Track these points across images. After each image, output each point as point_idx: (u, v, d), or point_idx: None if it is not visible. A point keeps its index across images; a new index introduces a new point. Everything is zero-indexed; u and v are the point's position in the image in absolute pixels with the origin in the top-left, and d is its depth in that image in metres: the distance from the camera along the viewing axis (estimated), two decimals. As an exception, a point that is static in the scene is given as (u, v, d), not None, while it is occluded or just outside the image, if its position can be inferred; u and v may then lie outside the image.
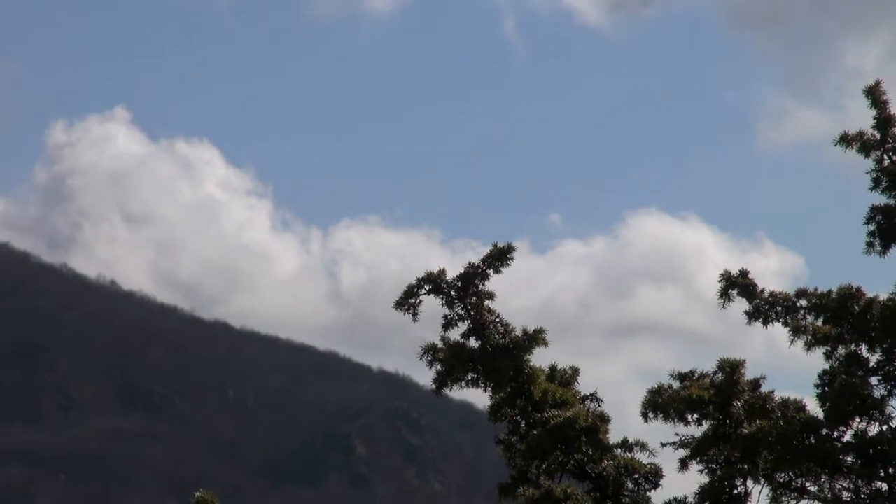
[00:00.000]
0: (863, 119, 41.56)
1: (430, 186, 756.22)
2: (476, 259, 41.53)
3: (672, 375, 41.45)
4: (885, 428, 40.47)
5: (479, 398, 41.85)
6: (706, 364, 41.22)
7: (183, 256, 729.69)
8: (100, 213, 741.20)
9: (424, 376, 42.17)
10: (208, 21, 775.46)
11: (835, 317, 40.80)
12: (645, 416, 41.39)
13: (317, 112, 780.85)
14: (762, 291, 41.50)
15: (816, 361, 41.24)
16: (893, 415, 40.69)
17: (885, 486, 40.11)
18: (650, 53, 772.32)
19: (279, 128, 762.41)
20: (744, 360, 40.77)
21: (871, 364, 40.89)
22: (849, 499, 40.15)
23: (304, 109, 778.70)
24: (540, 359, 41.71)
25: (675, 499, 40.88)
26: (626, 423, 42.41)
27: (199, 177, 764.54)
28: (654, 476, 41.28)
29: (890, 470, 40.17)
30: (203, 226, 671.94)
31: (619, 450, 41.39)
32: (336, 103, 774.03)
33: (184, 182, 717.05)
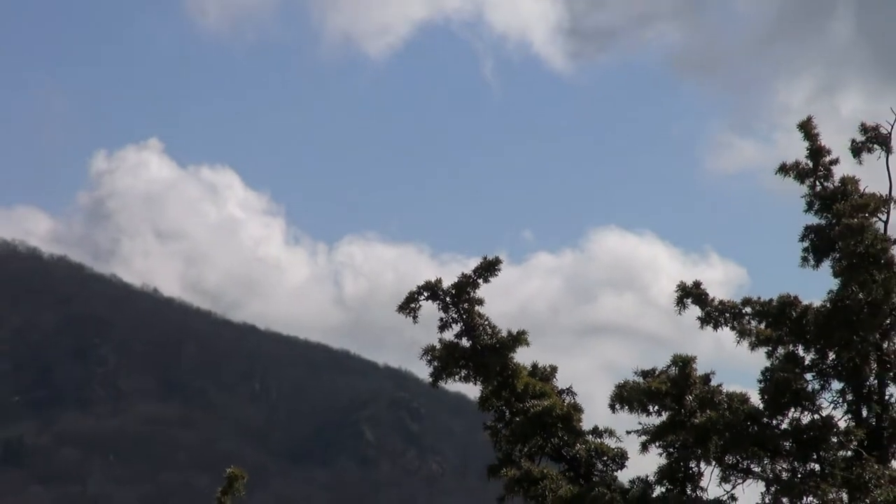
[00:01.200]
0: (792, 150, 41.67)
1: (421, 206, 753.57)
2: (467, 270, 41.77)
3: (636, 372, 41.60)
4: (816, 417, 40.72)
5: (471, 390, 41.99)
6: (661, 361, 41.54)
7: (208, 267, 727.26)
8: (136, 230, 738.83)
9: (423, 371, 42.19)
10: (230, 63, 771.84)
11: (775, 321, 41.09)
12: (612, 407, 41.53)
13: (323, 142, 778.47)
14: (713, 300, 41.74)
15: (759, 360, 41.52)
16: (824, 406, 40.91)
17: (817, 467, 40.29)
18: (607, 94, 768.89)
19: (291, 156, 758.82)
20: (694, 357, 41.03)
21: (807, 362, 41.12)
22: (786, 478, 40.36)
23: (312, 140, 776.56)
24: (522, 356, 42.01)
25: (638, 478, 41.05)
26: (594, 412, 42.60)
27: (222, 199, 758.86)
28: (620, 458, 41.43)
29: (821, 453, 40.40)
30: (225, 241, 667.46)
31: (590, 436, 41.57)
32: (339, 135, 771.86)
33: (208, 203, 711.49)
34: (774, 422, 40.93)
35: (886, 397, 41.23)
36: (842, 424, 40.98)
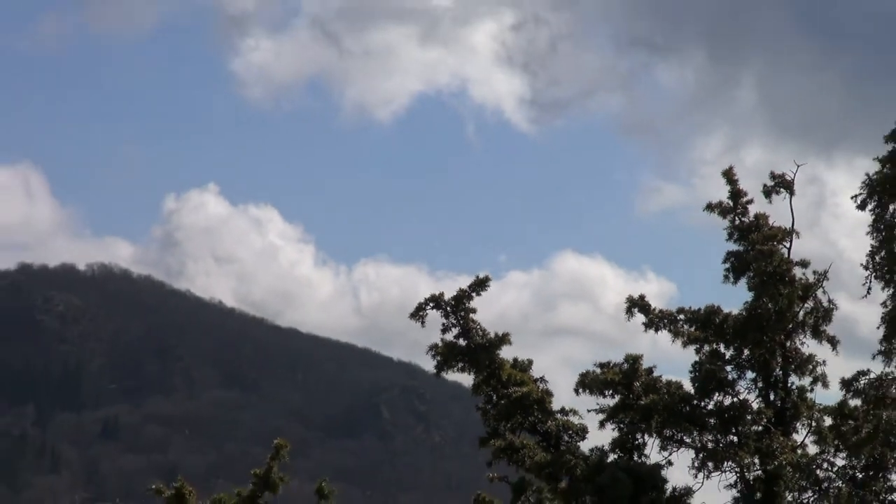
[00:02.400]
0: (706, 192, 42.18)
1: (420, 235, 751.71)
2: (458, 285, 41.72)
3: (595, 365, 41.42)
4: (735, 400, 40.63)
5: (466, 379, 41.84)
6: (610, 357, 41.48)
7: (255, 284, 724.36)
8: (198, 255, 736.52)
9: (429, 364, 42.04)
10: (271, 125, 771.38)
11: (702, 325, 40.96)
12: (576, 391, 41.39)
13: (343, 186, 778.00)
14: (654, 309, 41.63)
15: (689, 356, 41.40)
16: (741, 391, 40.82)
17: (735, 439, 40.19)
18: (562, 150, 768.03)
19: (318, 197, 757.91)
20: (641, 354, 40.97)
21: (727, 357, 41.04)
22: (711, 447, 40.24)
23: (335, 184, 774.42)
24: (506, 353, 41.84)
25: (596, 447, 40.87)
26: (558, 396, 42.43)
27: (265, 230, 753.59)
28: (582, 432, 41.20)
29: (738, 428, 40.30)
30: (268, 263, 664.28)
31: (559, 414, 41.35)
32: (356, 180, 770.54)
33: (254, 234, 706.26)
34: (702, 403, 40.87)
35: (789, 385, 41.15)
36: (755, 406, 40.89)
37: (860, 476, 40.92)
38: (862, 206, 40.27)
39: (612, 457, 40.71)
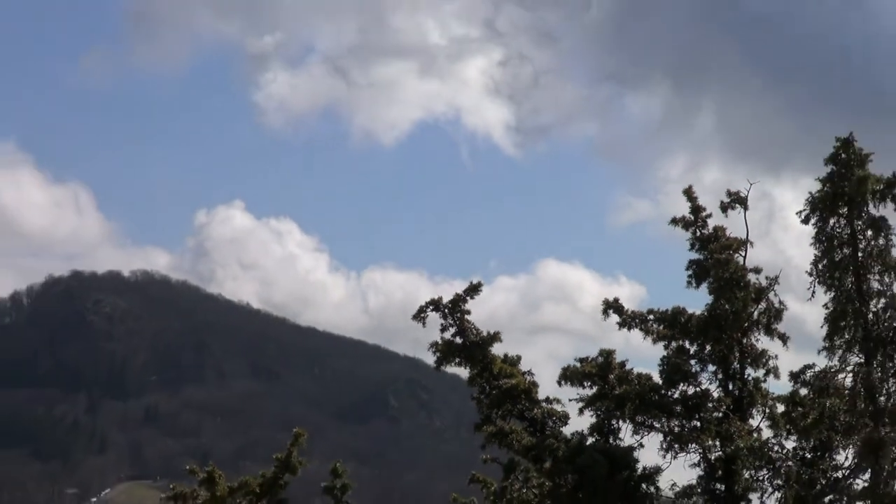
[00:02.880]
0: (671, 207, 42.27)
1: (421, 244, 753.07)
2: (454, 289, 41.73)
3: (575, 359, 41.41)
4: (698, 390, 40.69)
5: (463, 372, 41.92)
6: (588, 352, 41.66)
7: (276, 288, 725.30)
8: (226, 262, 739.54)
9: (430, 359, 42.09)
10: (289, 149, 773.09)
11: (669, 324, 41.01)
12: (559, 383, 41.38)
13: (354, 202, 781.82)
14: (627, 310, 41.66)
15: (658, 351, 41.47)
16: (703, 382, 40.87)
17: (698, 424, 40.25)
18: (544, 170, 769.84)
19: (331, 212, 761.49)
20: (615, 350, 41.06)
21: (691, 352, 41.09)
22: (677, 431, 40.30)
23: (346, 201, 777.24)
24: (497, 349, 41.87)
25: (577, 431, 40.90)
26: (542, 387, 42.50)
27: (285, 241, 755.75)
28: (564, 419, 41.21)
29: (701, 414, 40.36)
30: (287, 270, 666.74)
31: (544, 403, 41.40)
32: (365, 197, 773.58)
33: (275, 244, 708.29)
34: (669, 393, 40.92)
35: (745, 377, 41.22)
36: (715, 395, 40.97)
37: (808, 456, 41.00)
38: (806, 221, 40.45)
39: (590, 440, 40.79)
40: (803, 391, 41.04)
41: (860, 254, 40.72)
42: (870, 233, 40.90)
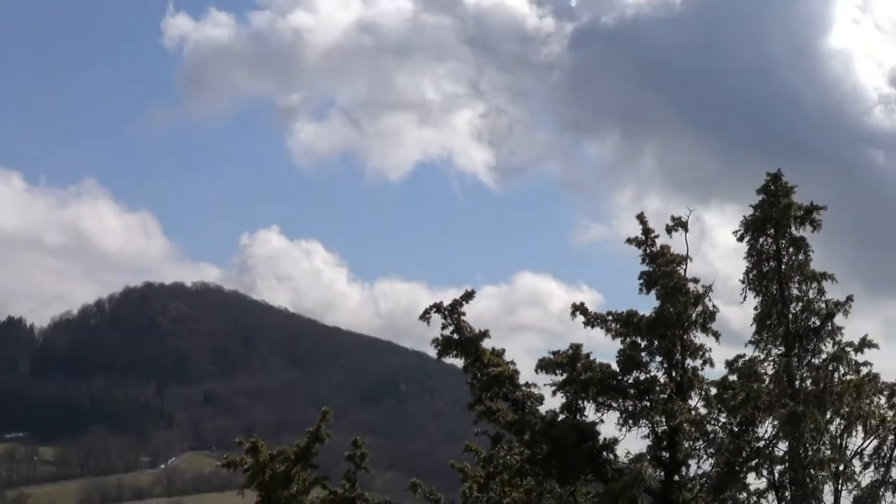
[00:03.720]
0: (623, 230, 42.12)
1: (422, 260, 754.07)
2: (454, 297, 41.48)
3: (549, 352, 41.19)
4: (647, 376, 40.45)
5: (459, 363, 41.70)
6: (559, 346, 41.25)
7: (306, 296, 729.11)
8: (264, 275, 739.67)
9: (432, 352, 41.88)
10: (314, 183, 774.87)
11: (625, 324, 40.69)
12: (536, 371, 41.04)
13: (367, 227, 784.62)
14: (590, 312, 41.38)
15: (616, 345, 41.18)
16: (652, 370, 40.64)
17: (648, 404, 40.03)
18: (520, 202, 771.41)
19: (350, 234, 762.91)
20: (581, 344, 40.76)
21: (642, 346, 40.85)
22: (631, 410, 40.06)
23: (361, 226, 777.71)
24: (486, 343, 41.53)
25: (550, 410, 40.63)
26: (522, 375, 42.09)
27: (312, 258, 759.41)
28: (540, 399, 40.90)
29: (650, 396, 40.15)
30: (314, 281, 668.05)
31: (524, 387, 41.15)
32: (375, 222, 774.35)
33: (305, 260, 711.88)
34: (625, 379, 40.61)
35: (686, 366, 40.93)
36: (661, 380, 40.67)
37: (736, 429, 40.83)
38: (740, 239, 40.78)
39: (561, 417, 40.49)
40: (733, 377, 40.95)
41: (783, 266, 40.83)
42: (791, 250, 41.24)
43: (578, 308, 41.28)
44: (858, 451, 41.05)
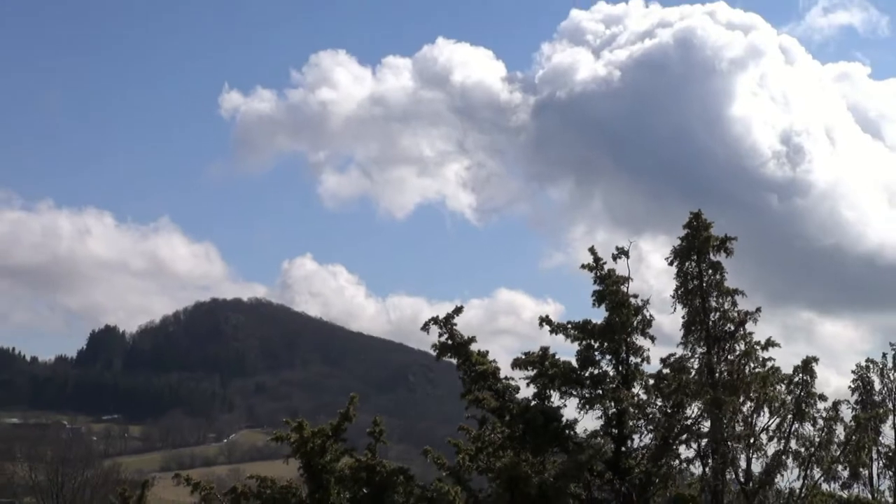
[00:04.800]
0: (578, 257, 42.06)
1: (422, 279, 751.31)
2: (448, 311, 41.36)
3: (522, 353, 40.97)
4: (599, 371, 40.32)
5: (453, 362, 41.58)
6: (531, 348, 41.04)
7: (334, 308, 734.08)
8: (302, 292, 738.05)
9: (433, 352, 41.84)
10: (339, 220, 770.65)
11: (581, 330, 40.58)
12: (512, 367, 40.88)
13: (379, 253, 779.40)
14: (555, 322, 41.18)
15: (575, 347, 41.05)
16: (603, 366, 40.49)
17: (600, 392, 39.86)
18: (497, 236, 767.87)
19: (367, 260, 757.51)
20: (548, 346, 40.66)
21: (595, 347, 40.70)
22: (588, 397, 39.92)
23: (375, 252, 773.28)
24: (473, 347, 41.41)
25: (525, 397, 40.41)
26: (502, 371, 41.89)
27: (338, 279, 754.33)
28: (516, 390, 40.67)
29: (602, 386, 40.02)
30: (340, 296, 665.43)
31: (503, 380, 40.99)
32: (385, 249, 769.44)
33: (332, 280, 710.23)
34: (583, 373, 40.48)
35: (629, 363, 40.84)
36: (611, 374, 40.55)
37: (669, 411, 40.63)
38: (670, 263, 40.75)
39: (533, 403, 40.37)
40: (666, 371, 40.81)
41: (704, 284, 40.70)
42: (710, 271, 41.17)
43: (545, 320, 41.16)
44: (765, 427, 40.91)
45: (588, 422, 39.71)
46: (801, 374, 40.30)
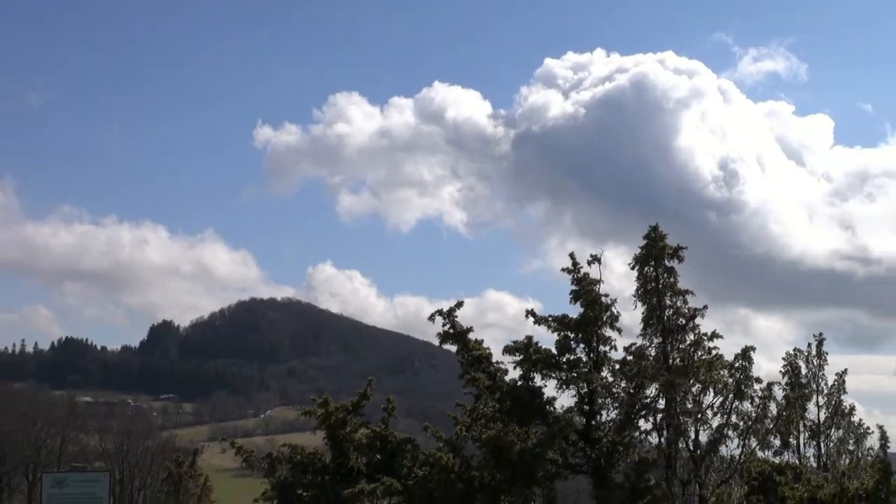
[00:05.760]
0: (556, 262, 41.99)
1: (424, 281, 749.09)
2: (449, 305, 41.18)
3: (511, 342, 40.84)
4: (574, 357, 40.01)
5: (453, 348, 41.37)
6: (516, 338, 40.75)
7: (351, 306, 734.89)
8: (323, 293, 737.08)
9: (436, 341, 41.48)
10: (355, 232, 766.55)
11: (560, 323, 40.33)
12: (503, 353, 40.57)
13: (388, 259, 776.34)
14: (539, 315, 40.91)
15: (554, 337, 40.79)
16: (577, 353, 40.26)
17: (575, 374, 39.59)
18: (486, 245, 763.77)
19: (378, 265, 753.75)
20: (532, 336, 40.40)
21: (571, 338, 40.37)
22: (564, 378, 39.59)
23: (383, 259, 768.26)
24: (471, 336, 41.16)
25: (513, 378, 40.20)
26: (494, 357, 41.64)
27: (353, 282, 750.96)
28: (505, 372, 40.58)
29: (575, 370, 39.75)
30: (355, 296, 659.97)
31: (495, 364, 40.77)
32: (392, 256, 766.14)
33: (349, 283, 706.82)
34: (561, 359, 40.21)
35: (599, 350, 40.57)
36: (584, 360, 40.27)
37: (632, 391, 40.33)
38: (632, 268, 40.42)
39: (519, 383, 40.09)
40: (630, 357, 40.54)
41: (660, 286, 40.41)
42: (665, 275, 40.83)
43: (530, 313, 41.02)
44: (710, 405, 40.63)
45: (565, 399, 39.55)
46: (740, 361, 40.09)
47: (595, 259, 41.05)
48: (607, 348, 40.90)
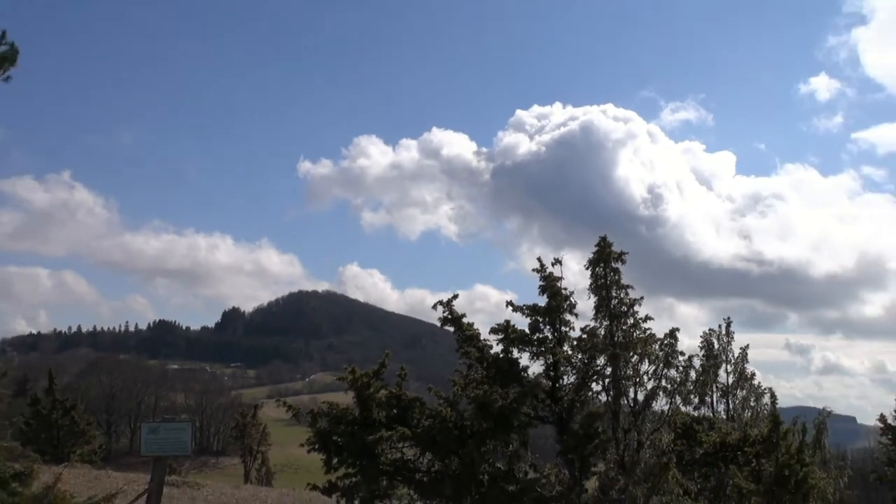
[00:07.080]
0: (524, 265, 41.62)
1: (427, 278, 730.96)
2: (449, 296, 40.96)
3: (494, 325, 40.42)
4: (542, 335, 39.61)
5: (451, 329, 40.99)
6: (499, 322, 40.46)
7: (371, 296, 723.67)
8: (351, 286, 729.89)
9: (439, 324, 41.10)
10: (373, 241, 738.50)
11: (532, 310, 39.73)
12: (490, 333, 40.22)
13: (400, 259, 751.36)
14: (516, 305, 40.53)
15: (527, 321, 40.41)
16: (545, 333, 40.23)
17: (542, 349, 39.33)
18: (474, 253, 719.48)
19: (391, 265, 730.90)
20: (510, 320, 40.03)
21: (540, 322, 40.02)
22: (535, 351, 39.30)
23: (396, 260, 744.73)
24: (465, 319, 40.88)
25: (496, 352, 39.82)
26: (481, 336, 41.15)
27: (375, 280, 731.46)
28: (490, 347, 40.14)
29: (543, 346, 39.54)
30: (375, 289, 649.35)
31: (482, 341, 40.44)
32: (402, 257, 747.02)
33: (369, 279, 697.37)
34: (532, 336, 39.60)
35: (562, 330, 39.82)
36: (549, 338, 39.78)
37: (586, 361, 39.56)
38: (587, 268, 40.06)
39: (501, 356, 39.62)
40: (584, 336, 40.15)
41: (608, 282, 40.11)
42: (612, 273, 40.55)
43: (509, 302, 39.76)
44: (645, 372, 40.16)
45: (535, 367, 39.12)
46: (668, 339, 39.84)
47: (557, 261, 40.96)
48: (567, 329, 40.60)
